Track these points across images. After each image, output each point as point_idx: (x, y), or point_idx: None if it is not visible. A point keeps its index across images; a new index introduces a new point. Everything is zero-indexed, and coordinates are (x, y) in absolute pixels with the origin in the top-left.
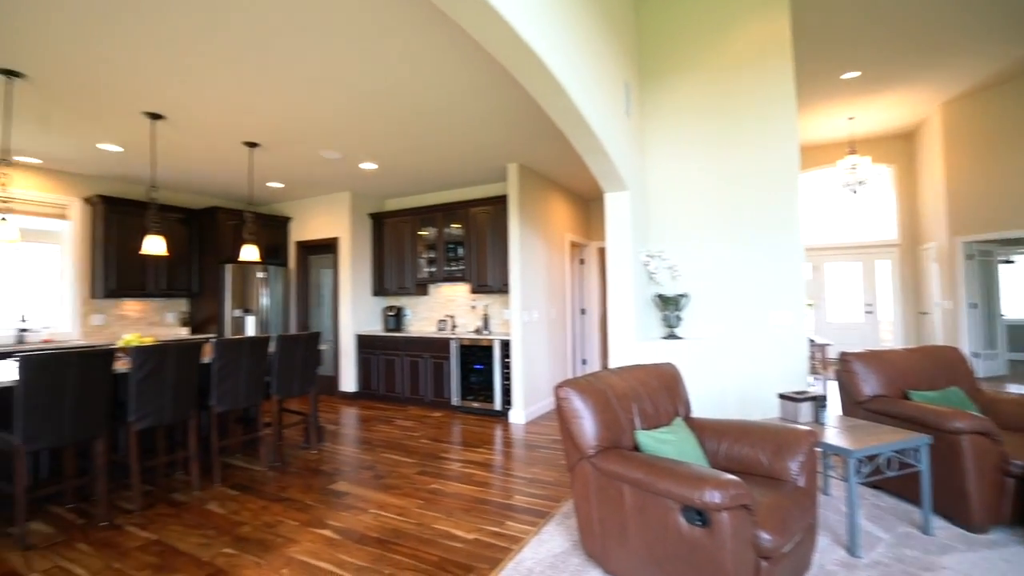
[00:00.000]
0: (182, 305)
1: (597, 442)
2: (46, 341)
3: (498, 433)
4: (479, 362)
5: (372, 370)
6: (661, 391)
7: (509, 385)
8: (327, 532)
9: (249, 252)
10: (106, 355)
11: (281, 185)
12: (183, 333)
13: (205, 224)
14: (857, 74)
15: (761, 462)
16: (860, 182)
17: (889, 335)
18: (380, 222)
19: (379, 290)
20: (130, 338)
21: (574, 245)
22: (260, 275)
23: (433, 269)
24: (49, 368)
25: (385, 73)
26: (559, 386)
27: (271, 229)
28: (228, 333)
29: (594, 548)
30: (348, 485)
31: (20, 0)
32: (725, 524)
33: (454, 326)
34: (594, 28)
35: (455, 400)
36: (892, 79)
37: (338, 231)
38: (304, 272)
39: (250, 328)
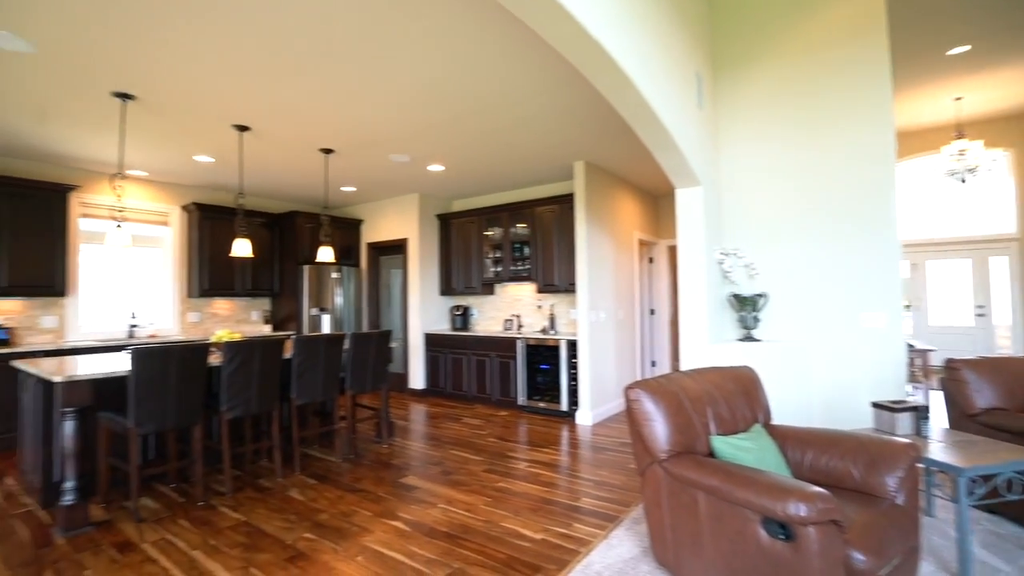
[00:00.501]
0: (265, 304)
1: (669, 446)
2: (152, 336)
3: (564, 434)
4: (545, 362)
5: (440, 368)
6: (738, 395)
7: (576, 386)
8: (398, 524)
9: (325, 254)
10: (202, 349)
11: (353, 189)
12: (266, 330)
13: (285, 227)
14: (966, 48)
15: (852, 476)
16: (970, 169)
17: (1006, 341)
18: (447, 223)
19: (446, 289)
20: (221, 334)
21: (642, 243)
22: (335, 275)
23: (499, 269)
24: (155, 360)
25: (454, 75)
26: (630, 387)
27: (344, 231)
28: (306, 330)
29: (665, 556)
30: (418, 480)
31: (132, 31)
32: (812, 540)
33: (520, 326)
34: (664, 19)
35: (521, 399)
36: (1009, 51)
37: (407, 232)
38: (375, 272)
39: (326, 326)
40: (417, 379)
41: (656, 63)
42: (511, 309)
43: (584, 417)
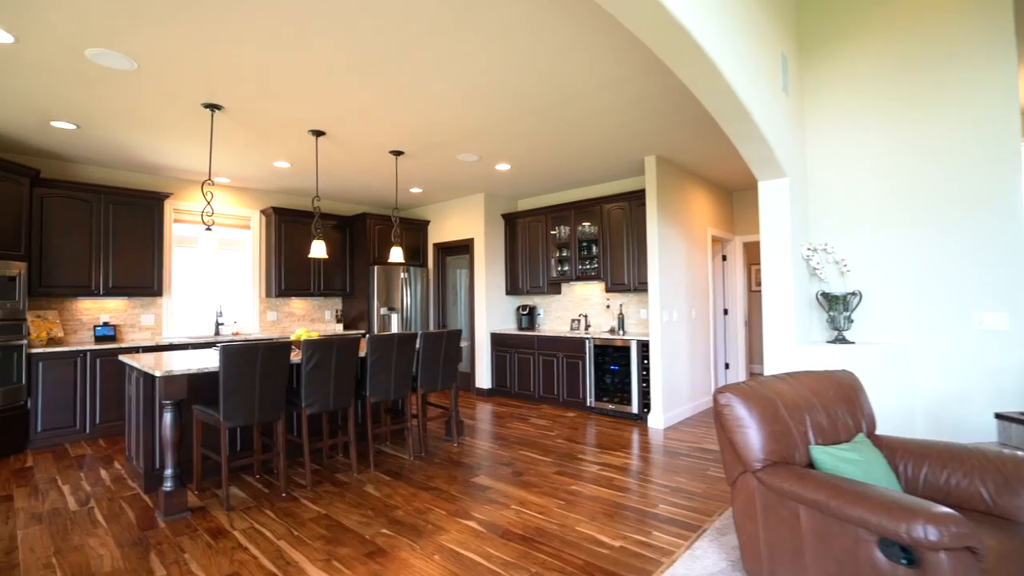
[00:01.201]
0: (337, 303)
1: (764, 455)
2: (235, 334)
3: (636, 437)
4: (614, 363)
5: (506, 368)
6: (838, 402)
7: (647, 388)
8: (473, 524)
9: (396, 254)
10: (284, 347)
11: (420, 190)
12: (338, 329)
13: (356, 229)
14: None
15: (981, 496)
16: None
17: None
18: (512, 222)
19: (512, 289)
20: (300, 332)
21: (715, 240)
22: (403, 276)
23: (566, 268)
24: (242, 357)
25: (525, 69)
26: (720, 391)
27: (411, 232)
28: (375, 329)
29: (759, 572)
30: (489, 480)
31: (221, 44)
32: (943, 568)
33: (587, 325)
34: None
35: (590, 401)
36: None
37: (473, 232)
38: (441, 272)
39: (394, 325)
40: (483, 378)
41: (743, 48)
42: (578, 309)
43: (656, 420)
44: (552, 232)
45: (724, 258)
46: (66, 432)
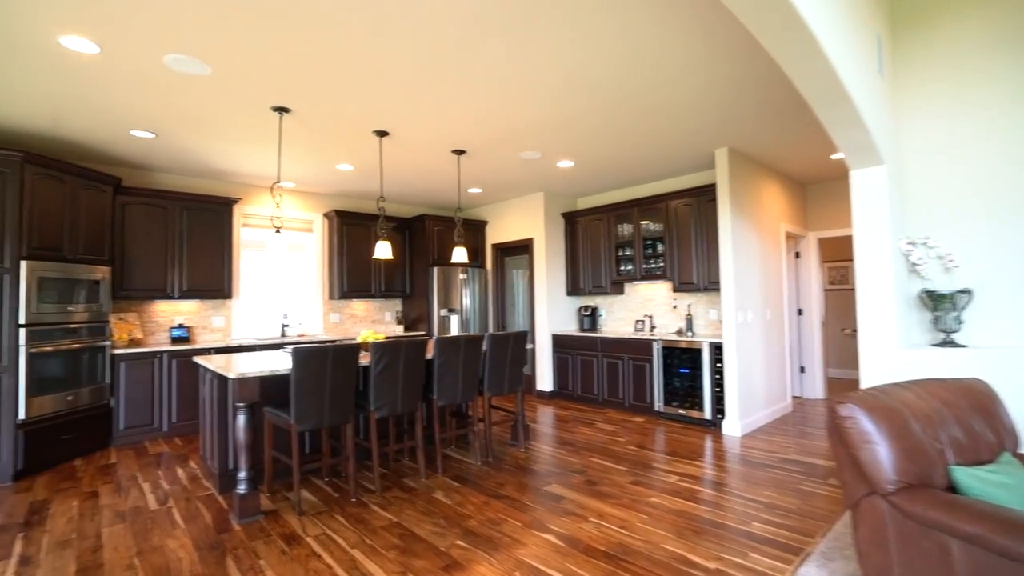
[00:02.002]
0: (397, 305)
1: (896, 476)
2: (300, 335)
3: (711, 445)
4: (684, 366)
5: (568, 370)
6: (974, 415)
7: (720, 393)
8: (551, 537)
9: (459, 254)
10: (354, 349)
11: (480, 190)
12: (399, 330)
13: (415, 230)
14: None
15: None
16: None
17: None
18: (573, 221)
19: (573, 289)
20: (367, 334)
21: (789, 236)
22: (462, 276)
23: (629, 267)
24: (313, 360)
25: (595, 60)
26: (839, 401)
27: (470, 232)
28: (435, 331)
29: None
30: (562, 488)
31: (291, 45)
32: None
33: (653, 327)
34: None
35: (658, 405)
36: None
37: (532, 232)
38: (500, 273)
39: (454, 326)
40: (545, 381)
41: (844, 25)
42: (642, 309)
43: (732, 427)
44: (614, 230)
45: (797, 255)
46: (145, 430)
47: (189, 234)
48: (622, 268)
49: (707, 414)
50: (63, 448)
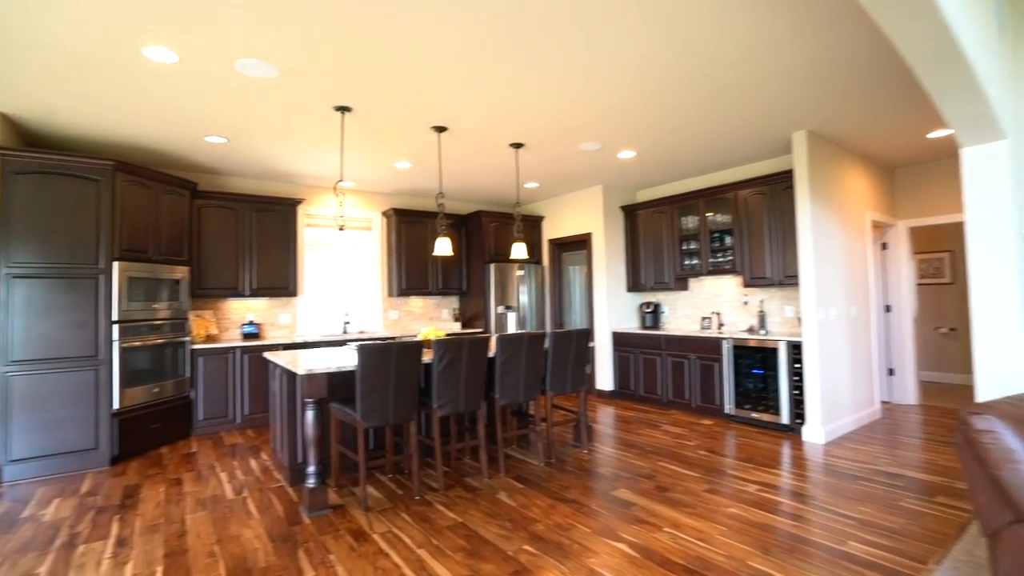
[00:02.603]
0: (454, 302)
1: None
2: (361, 332)
3: (790, 452)
4: (757, 366)
5: (629, 369)
6: None
7: (800, 396)
8: (623, 547)
9: (519, 250)
10: (417, 346)
11: (536, 184)
12: (456, 327)
13: (471, 227)
14: None
15: None
16: None
17: None
18: (632, 214)
19: (634, 285)
20: (428, 332)
21: (876, 226)
22: (519, 273)
23: (694, 261)
24: (379, 356)
25: (664, 37)
26: (975, 413)
27: (527, 228)
28: (493, 329)
29: None
30: (631, 494)
31: (353, 42)
32: None
33: (720, 324)
34: None
35: (728, 408)
36: None
37: (590, 226)
38: (557, 269)
39: (511, 324)
40: (605, 380)
41: None
42: (709, 305)
43: (814, 434)
44: (678, 223)
45: (884, 246)
46: (221, 422)
47: (258, 234)
48: (686, 263)
49: (784, 418)
50: (151, 436)
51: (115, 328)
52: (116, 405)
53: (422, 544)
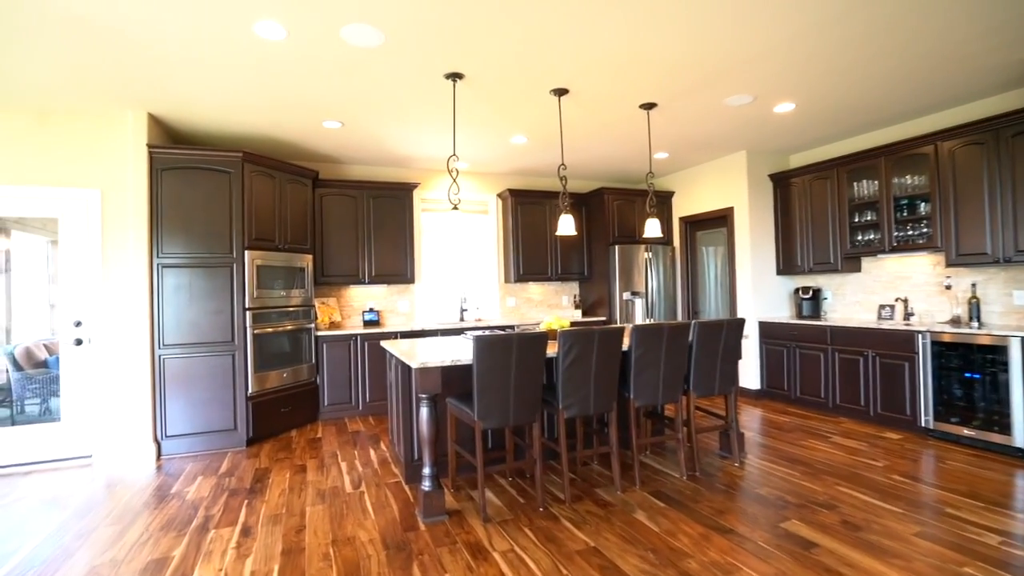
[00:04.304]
0: (574, 288)
1: None
2: (478, 320)
3: None
4: (970, 368)
5: (782, 365)
6: None
7: None
8: None
9: (652, 227)
10: (541, 339)
11: (666, 155)
12: (576, 315)
13: (592, 206)
14: None
15: None
16: None
17: None
18: (785, 184)
19: (786, 268)
20: (550, 321)
21: None
22: (646, 255)
23: (871, 236)
24: (497, 349)
25: None
26: None
27: (655, 205)
28: (617, 317)
29: None
30: (808, 530)
31: (463, 10)
32: None
33: (909, 313)
34: None
35: (925, 420)
36: None
37: (731, 200)
38: (689, 251)
39: (638, 312)
40: (750, 377)
41: None
42: (891, 290)
43: None
44: (847, 190)
45: None
46: (344, 407)
47: (376, 221)
48: (859, 238)
49: (1018, 439)
50: (282, 420)
51: (248, 315)
52: (250, 389)
53: (549, 572)
